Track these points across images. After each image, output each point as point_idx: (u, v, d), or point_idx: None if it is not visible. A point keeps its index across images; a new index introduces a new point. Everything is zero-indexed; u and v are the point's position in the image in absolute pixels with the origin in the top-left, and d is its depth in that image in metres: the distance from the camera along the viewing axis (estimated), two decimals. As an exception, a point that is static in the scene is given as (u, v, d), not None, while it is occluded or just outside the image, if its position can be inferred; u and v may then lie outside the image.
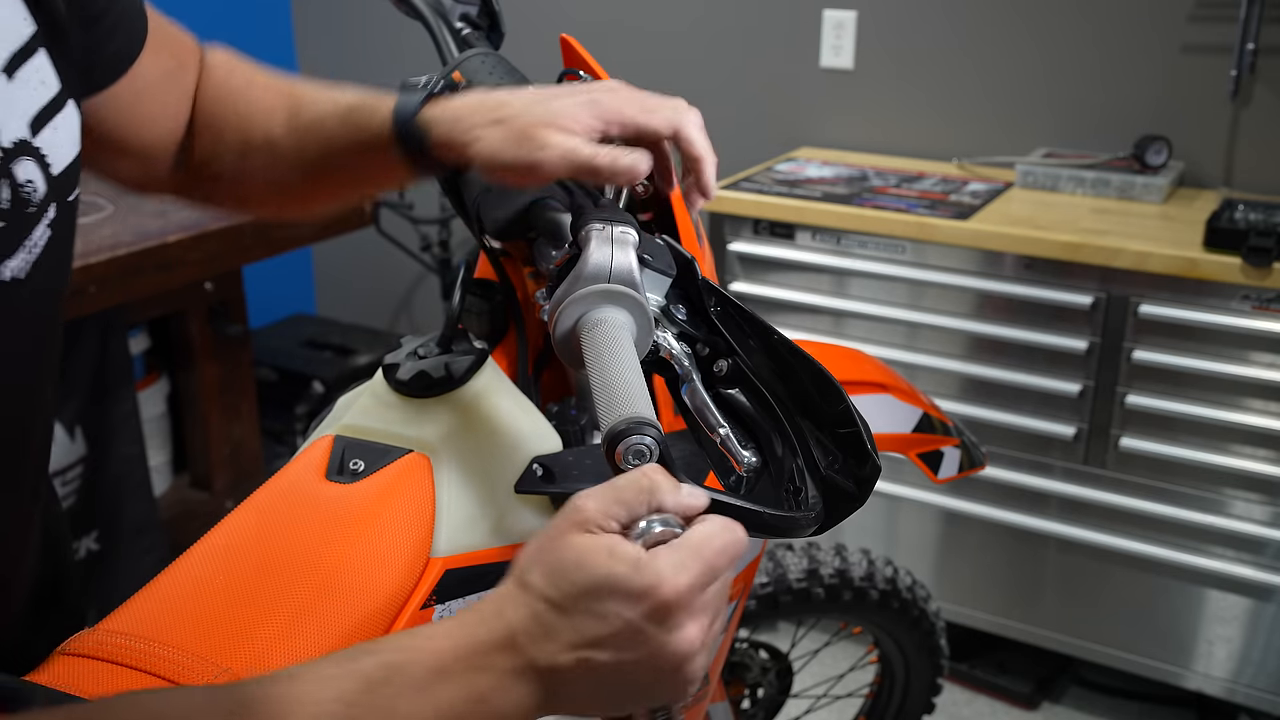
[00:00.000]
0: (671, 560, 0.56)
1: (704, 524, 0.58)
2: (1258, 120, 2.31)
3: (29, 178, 0.63)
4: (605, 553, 0.56)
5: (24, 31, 0.64)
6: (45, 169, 0.64)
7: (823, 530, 0.67)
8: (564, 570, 0.56)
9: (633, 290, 0.71)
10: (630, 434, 0.61)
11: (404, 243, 3.17)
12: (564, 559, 0.57)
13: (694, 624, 0.56)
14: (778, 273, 2.33)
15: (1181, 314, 1.98)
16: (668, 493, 0.59)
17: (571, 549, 0.57)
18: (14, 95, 0.62)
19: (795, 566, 1.52)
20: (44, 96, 0.65)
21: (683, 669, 0.57)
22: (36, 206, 0.63)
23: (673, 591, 0.55)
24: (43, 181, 0.64)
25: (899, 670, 1.71)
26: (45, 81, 0.65)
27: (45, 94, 0.65)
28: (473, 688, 0.56)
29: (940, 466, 1.36)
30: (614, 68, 1.02)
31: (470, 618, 0.58)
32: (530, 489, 0.86)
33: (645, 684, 0.57)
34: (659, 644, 0.55)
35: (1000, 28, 2.52)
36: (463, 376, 0.88)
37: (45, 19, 0.66)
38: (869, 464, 0.66)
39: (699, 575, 0.56)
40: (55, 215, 0.65)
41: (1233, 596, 2.07)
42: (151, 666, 0.66)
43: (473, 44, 1.00)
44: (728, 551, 0.58)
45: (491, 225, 0.89)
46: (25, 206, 0.62)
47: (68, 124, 0.67)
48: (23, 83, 0.63)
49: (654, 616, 0.55)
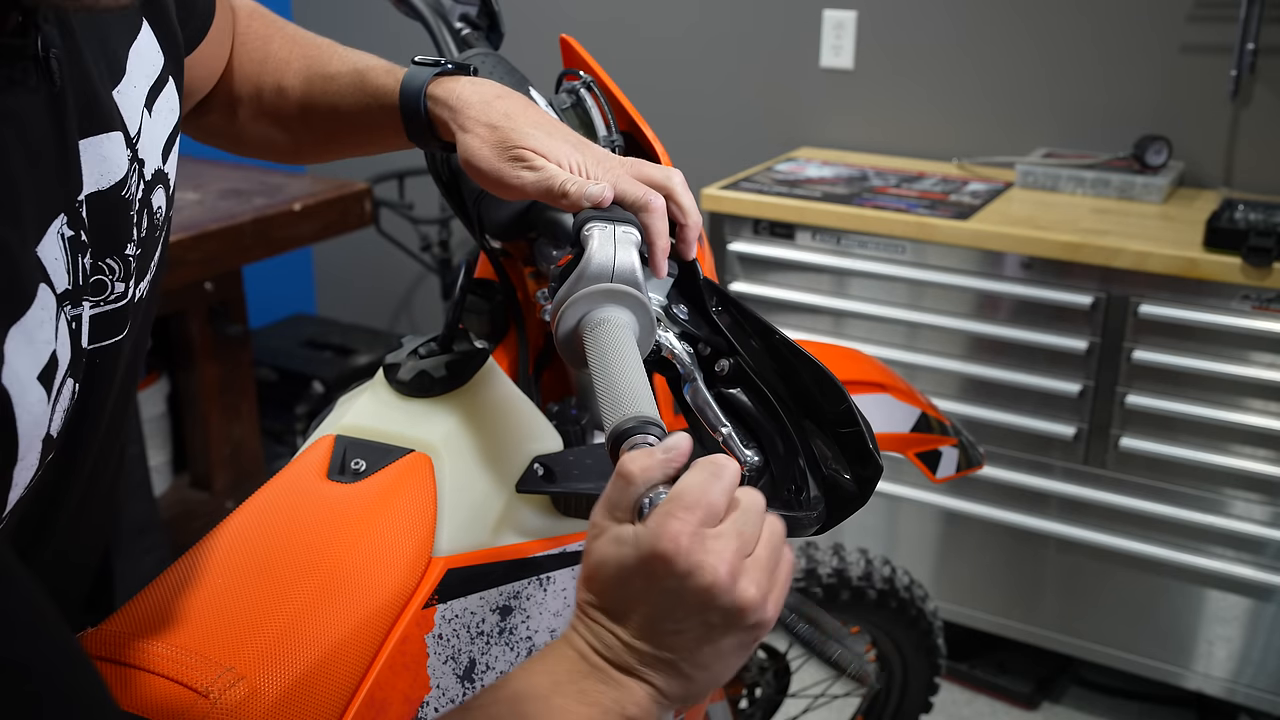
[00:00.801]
0: (658, 517, 0.58)
1: (686, 474, 0.60)
2: (1258, 120, 2.31)
3: (160, 205, 0.65)
4: (612, 544, 0.60)
5: (158, 63, 0.67)
6: (168, 192, 0.67)
7: (824, 530, 0.67)
8: (594, 578, 0.61)
9: (635, 290, 0.71)
10: (635, 432, 0.62)
11: (404, 243, 3.17)
12: (591, 569, 0.61)
13: (710, 556, 0.57)
14: (778, 273, 2.33)
15: (1181, 314, 1.98)
16: (645, 468, 0.60)
17: (592, 557, 0.61)
18: (153, 129, 0.65)
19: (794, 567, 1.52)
20: (171, 122, 0.67)
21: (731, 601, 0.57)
22: (161, 229, 0.65)
23: (669, 541, 0.57)
24: (166, 205, 0.67)
25: (896, 669, 1.71)
26: (174, 109, 0.68)
27: (173, 120, 0.68)
28: (586, 694, 0.60)
29: (938, 466, 1.36)
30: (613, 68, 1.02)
31: (547, 654, 0.62)
32: (531, 488, 0.87)
33: (718, 632, 0.58)
34: (694, 593, 0.57)
35: (1000, 27, 2.52)
36: (463, 376, 0.88)
37: (167, 42, 0.68)
38: (871, 464, 0.66)
39: (690, 516, 0.57)
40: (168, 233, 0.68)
41: (1233, 596, 2.07)
42: (155, 666, 0.66)
43: (472, 44, 1.00)
44: (714, 484, 0.59)
45: (491, 225, 0.89)
46: (155, 231, 0.65)
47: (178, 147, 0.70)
48: (159, 113, 0.66)
49: (668, 573, 0.57)
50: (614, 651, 0.60)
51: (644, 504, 0.59)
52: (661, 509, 0.58)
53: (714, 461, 0.60)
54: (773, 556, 0.60)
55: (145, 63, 0.64)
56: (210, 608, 0.71)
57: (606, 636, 0.60)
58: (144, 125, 0.62)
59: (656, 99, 2.80)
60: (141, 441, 2.23)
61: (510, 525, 0.85)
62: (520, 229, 0.90)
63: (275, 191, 2.32)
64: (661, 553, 0.57)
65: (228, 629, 0.69)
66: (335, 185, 2.44)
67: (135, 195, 0.60)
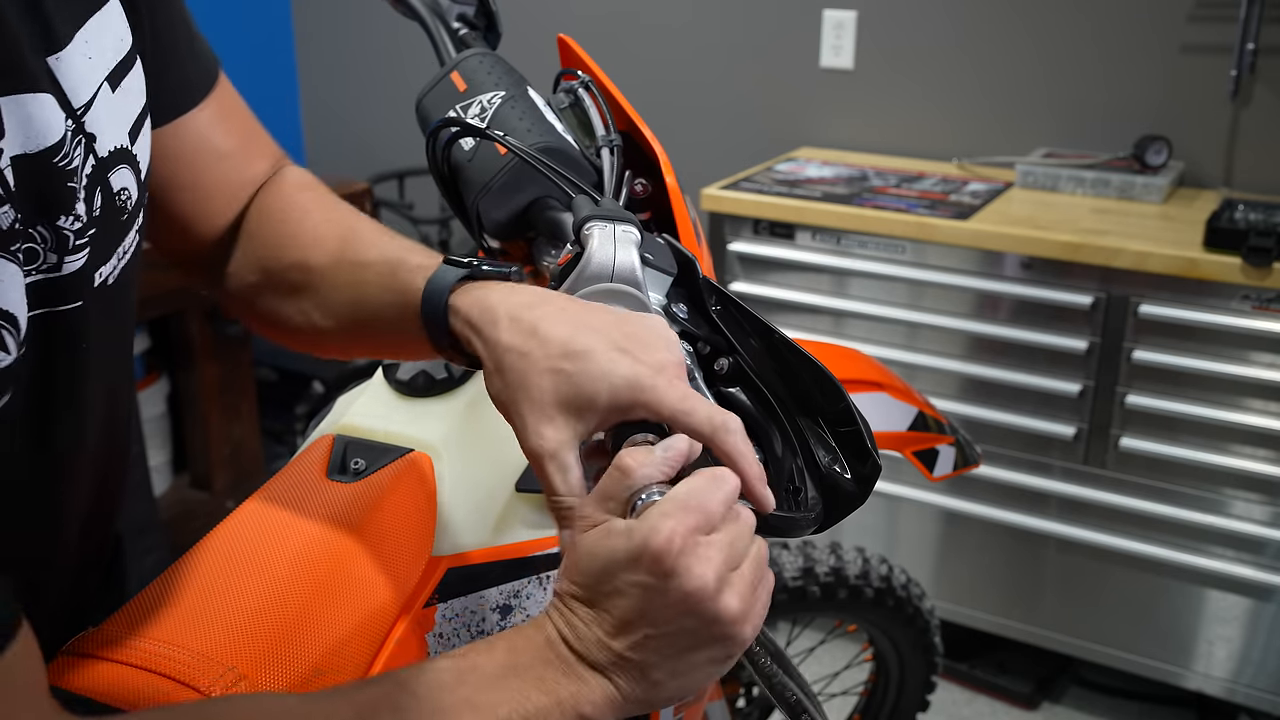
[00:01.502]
0: (654, 515, 0.57)
1: (684, 482, 0.59)
2: (1258, 120, 2.31)
3: (124, 185, 0.64)
4: (603, 535, 0.59)
5: (127, 40, 0.66)
6: (138, 176, 0.66)
7: (823, 529, 0.67)
8: (579, 567, 0.60)
9: (635, 289, 0.71)
10: (635, 430, 0.62)
11: (404, 243, 3.17)
12: (577, 558, 0.60)
13: (699, 562, 0.57)
14: (778, 273, 2.33)
15: (1181, 314, 1.98)
16: (643, 464, 0.60)
17: (580, 547, 0.60)
18: (117, 105, 0.64)
19: (791, 565, 1.52)
20: (139, 104, 0.66)
21: (713, 612, 0.57)
22: (129, 214, 0.64)
23: (663, 539, 0.56)
24: (136, 189, 0.65)
25: (893, 668, 1.71)
26: (140, 90, 0.67)
27: (140, 101, 0.67)
28: (544, 681, 0.59)
29: (936, 464, 1.36)
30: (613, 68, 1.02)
31: (524, 628, 0.61)
32: (532, 487, 0.87)
33: (694, 643, 0.58)
34: (678, 595, 0.57)
35: (1000, 27, 2.52)
36: (463, 376, 0.89)
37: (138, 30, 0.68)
38: (870, 462, 0.66)
39: (686, 519, 0.57)
40: (142, 220, 0.67)
41: (1233, 596, 2.07)
42: (157, 666, 0.66)
43: (470, 44, 1.00)
44: (713, 493, 0.59)
45: (491, 225, 0.89)
46: (120, 214, 0.63)
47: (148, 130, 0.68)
48: (125, 92, 0.65)
49: (656, 571, 0.56)
50: (585, 645, 0.59)
51: (637, 500, 0.59)
52: (658, 507, 0.58)
53: (715, 471, 0.60)
54: (756, 575, 0.60)
55: (110, 36, 0.63)
56: (211, 607, 0.71)
57: (581, 628, 0.59)
58: (99, 99, 0.61)
59: (656, 99, 2.80)
60: (141, 441, 2.23)
61: (510, 524, 0.85)
62: (519, 229, 0.90)
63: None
64: (653, 549, 0.56)
65: (228, 629, 0.69)
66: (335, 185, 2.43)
67: (79, 168, 0.59)
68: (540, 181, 0.85)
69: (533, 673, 0.59)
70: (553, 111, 0.93)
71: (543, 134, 0.88)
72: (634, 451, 0.61)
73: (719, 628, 0.58)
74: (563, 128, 0.91)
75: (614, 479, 0.60)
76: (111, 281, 0.63)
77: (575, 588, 0.60)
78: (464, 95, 0.92)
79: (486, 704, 0.58)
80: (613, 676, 0.59)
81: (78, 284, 0.60)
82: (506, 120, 0.89)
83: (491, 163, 0.87)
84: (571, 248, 0.74)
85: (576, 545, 0.60)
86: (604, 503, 0.60)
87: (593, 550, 0.59)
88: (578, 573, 0.60)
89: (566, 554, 0.61)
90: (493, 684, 0.59)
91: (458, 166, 0.90)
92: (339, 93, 3.43)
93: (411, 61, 2.34)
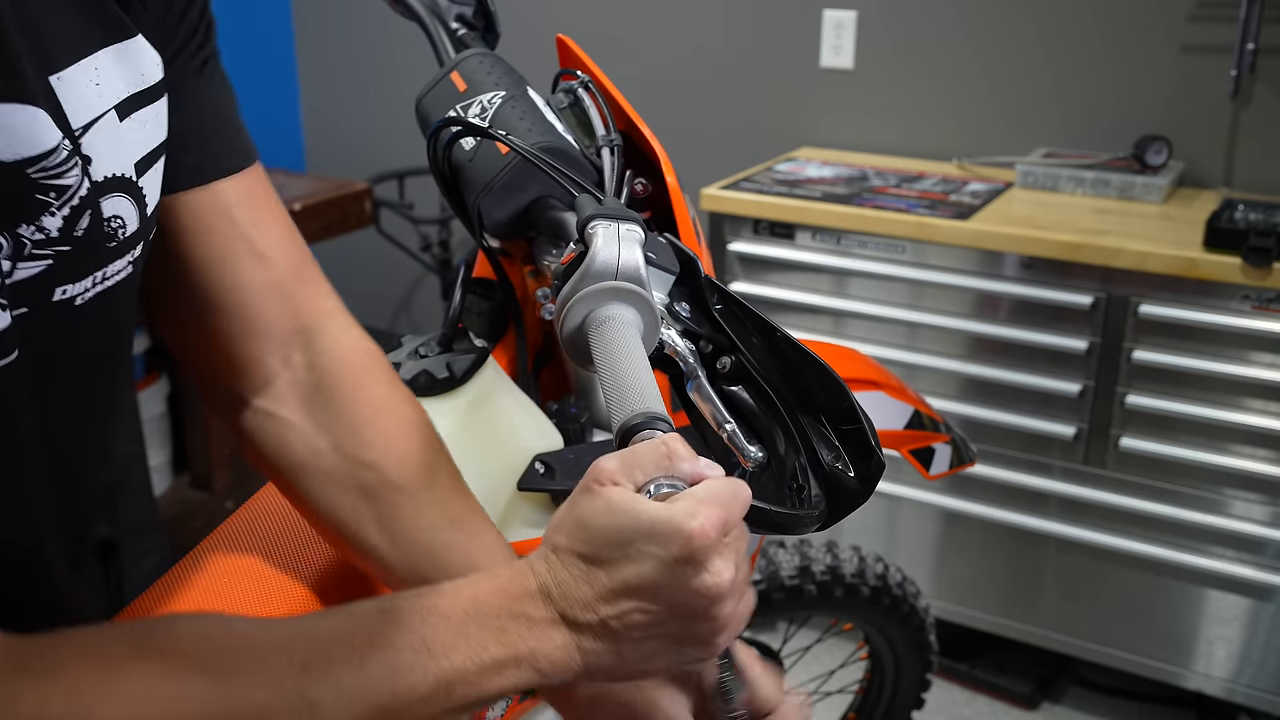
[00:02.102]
0: (687, 504, 0.57)
1: (708, 481, 0.60)
2: (1258, 120, 2.31)
3: (118, 214, 0.63)
4: (632, 500, 0.57)
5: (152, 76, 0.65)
6: (142, 209, 0.65)
7: (826, 527, 0.67)
8: (591, 522, 0.58)
9: (640, 288, 0.71)
10: (643, 428, 0.62)
11: (404, 243, 3.17)
12: (592, 510, 0.58)
13: (725, 563, 0.57)
14: (778, 273, 2.33)
15: (1181, 314, 1.98)
16: (684, 460, 0.60)
17: (598, 500, 0.58)
18: (124, 135, 0.63)
19: (787, 564, 1.52)
20: (154, 140, 0.66)
21: (713, 613, 0.57)
22: (119, 243, 0.64)
23: (699, 529, 0.56)
24: (136, 221, 0.65)
25: (889, 666, 1.71)
26: (159, 126, 0.66)
27: (156, 138, 0.66)
28: (505, 633, 0.57)
29: (932, 463, 1.36)
30: (612, 69, 1.02)
31: (501, 572, 0.60)
32: (532, 486, 0.87)
33: (678, 634, 0.58)
34: (697, 585, 0.56)
35: (1000, 27, 2.52)
36: (464, 375, 0.89)
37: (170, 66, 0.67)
38: (873, 460, 0.66)
39: (719, 514, 0.57)
40: (140, 253, 0.66)
41: (1233, 596, 2.08)
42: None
43: (469, 44, 1.00)
44: (737, 500, 0.59)
45: (492, 225, 0.89)
46: (107, 240, 0.63)
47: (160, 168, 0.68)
48: (137, 124, 0.64)
49: (684, 553, 0.56)
50: (569, 602, 0.58)
51: (656, 482, 0.59)
52: (694, 493, 0.58)
53: (733, 481, 0.60)
54: (742, 589, 0.60)
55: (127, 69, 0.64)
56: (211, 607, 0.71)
57: (569, 585, 0.58)
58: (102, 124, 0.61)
59: (656, 98, 2.80)
60: (141, 441, 2.23)
61: (511, 523, 0.85)
62: (520, 228, 0.90)
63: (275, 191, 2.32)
64: (688, 531, 0.55)
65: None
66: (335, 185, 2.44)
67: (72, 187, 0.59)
68: (542, 181, 0.85)
69: (495, 623, 0.58)
70: (553, 111, 0.93)
71: (544, 133, 0.88)
72: (681, 442, 0.61)
73: (709, 628, 0.58)
74: (563, 127, 0.91)
75: (656, 455, 0.60)
76: (80, 303, 0.62)
77: (578, 544, 0.58)
78: (464, 95, 0.92)
79: (440, 647, 0.57)
80: (583, 640, 0.58)
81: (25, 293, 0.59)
82: (507, 120, 0.89)
83: (493, 162, 0.87)
84: (575, 247, 0.74)
85: (593, 498, 0.58)
86: (631, 467, 0.59)
87: (616, 508, 0.57)
88: (590, 530, 0.58)
89: (575, 509, 0.59)
90: (451, 629, 0.57)
91: (459, 166, 0.90)
92: (339, 93, 3.43)
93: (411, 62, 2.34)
